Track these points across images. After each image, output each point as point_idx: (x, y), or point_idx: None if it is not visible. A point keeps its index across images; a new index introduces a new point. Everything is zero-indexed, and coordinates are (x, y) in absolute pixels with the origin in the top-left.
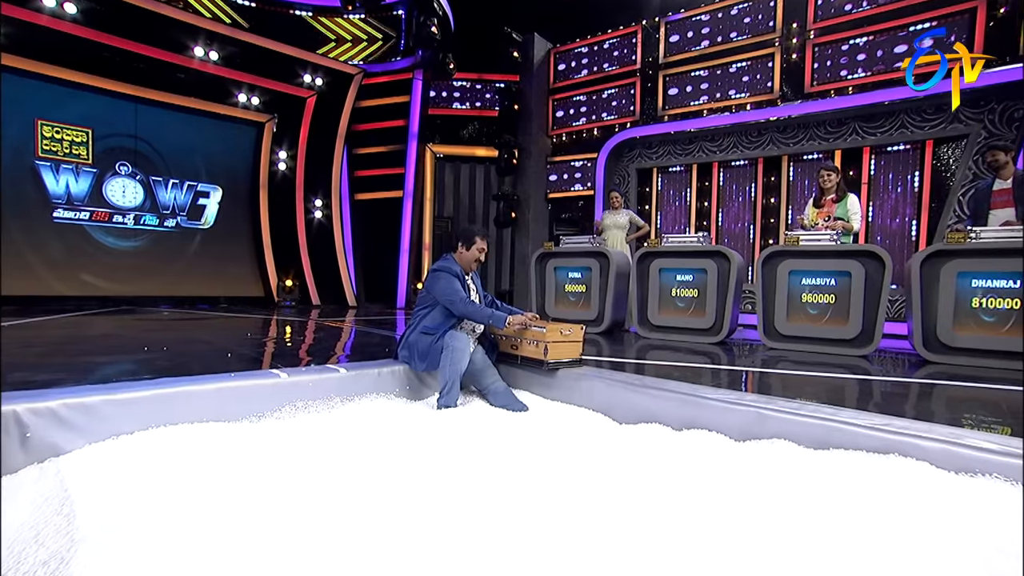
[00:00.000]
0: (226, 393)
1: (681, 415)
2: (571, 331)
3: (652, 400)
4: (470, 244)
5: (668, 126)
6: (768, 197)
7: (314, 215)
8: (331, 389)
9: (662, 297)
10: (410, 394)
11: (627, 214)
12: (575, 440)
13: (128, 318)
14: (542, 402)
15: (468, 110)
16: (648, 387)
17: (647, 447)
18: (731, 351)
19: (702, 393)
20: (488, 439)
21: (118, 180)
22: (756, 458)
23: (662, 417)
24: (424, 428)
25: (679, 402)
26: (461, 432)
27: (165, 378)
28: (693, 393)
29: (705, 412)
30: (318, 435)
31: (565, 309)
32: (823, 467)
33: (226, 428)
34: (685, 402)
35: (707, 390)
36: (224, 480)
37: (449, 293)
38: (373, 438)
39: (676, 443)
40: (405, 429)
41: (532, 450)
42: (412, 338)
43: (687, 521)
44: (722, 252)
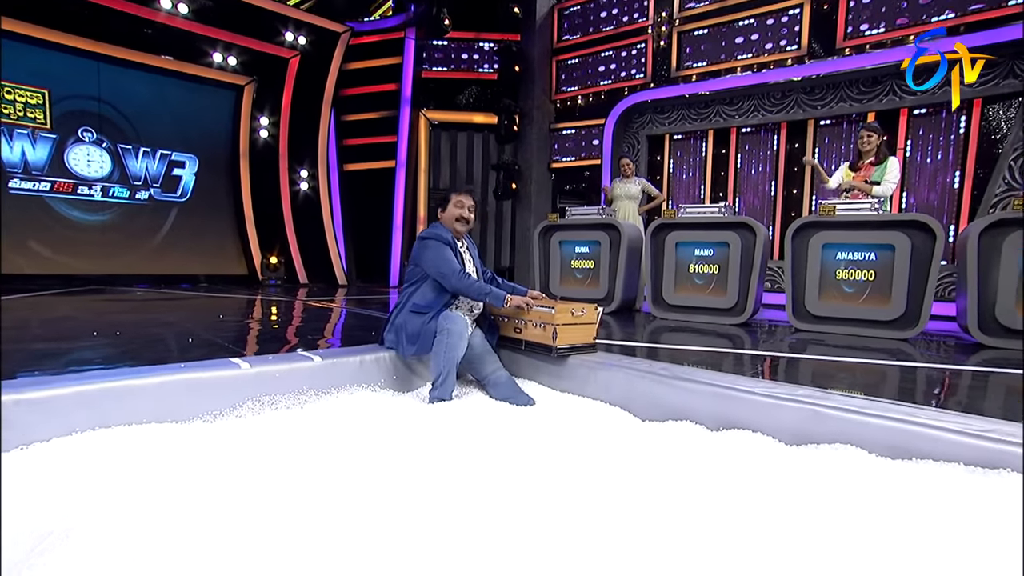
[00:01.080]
0: (173, 388)
1: (717, 412)
2: (584, 312)
3: (681, 393)
4: (445, 204)
5: (682, 88)
6: (792, 165)
7: (300, 187)
8: (303, 381)
9: (679, 274)
10: (398, 385)
11: (639, 182)
12: (590, 440)
13: (94, 299)
14: (550, 394)
15: (465, 73)
16: (677, 378)
17: (676, 450)
18: (757, 333)
19: (743, 386)
20: (488, 438)
21: (81, 147)
22: (814, 466)
23: (694, 414)
24: (414, 426)
25: (714, 396)
26: (457, 430)
27: (96, 370)
28: (732, 385)
29: (746, 409)
30: (285, 437)
31: (571, 287)
32: (904, 482)
33: (172, 431)
34: (721, 396)
35: (748, 382)
36: (165, 497)
37: (439, 264)
38: (352, 439)
39: (712, 445)
40: (391, 427)
41: (540, 452)
42: (400, 318)
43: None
44: (747, 224)
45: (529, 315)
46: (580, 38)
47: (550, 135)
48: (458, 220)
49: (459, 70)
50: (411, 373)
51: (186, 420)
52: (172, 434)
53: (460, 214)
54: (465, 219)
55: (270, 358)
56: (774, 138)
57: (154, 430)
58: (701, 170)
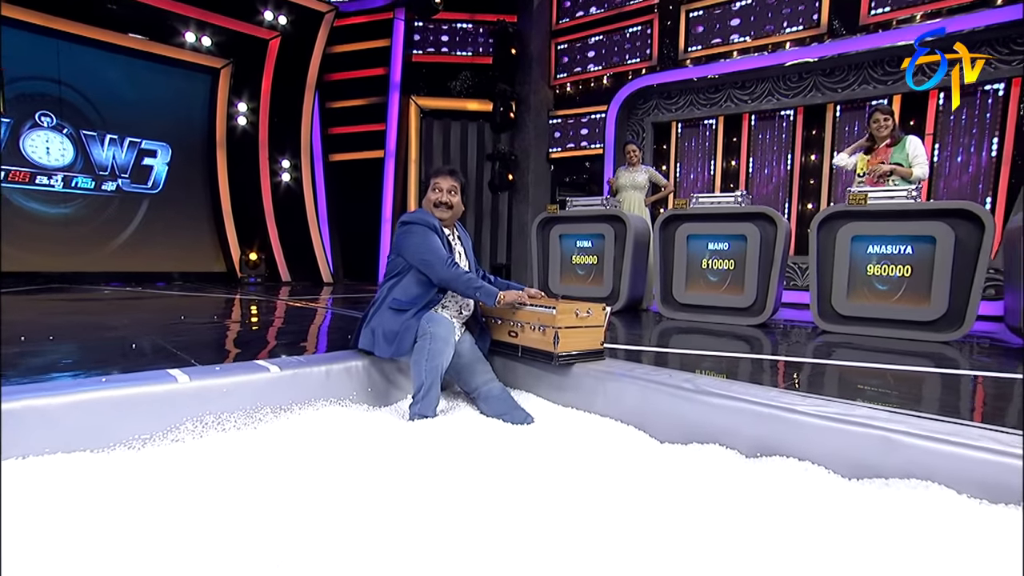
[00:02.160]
0: (91, 408)
1: (753, 434)
2: (590, 312)
3: (708, 411)
4: (427, 188)
5: (691, 71)
6: (809, 153)
7: (281, 178)
8: (257, 396)
9: (690, 270)
10: (373, 398)
11: (646, 171)
12: (598, 466)
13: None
14: (552, 410)
15: (458, 56)
16: (702, 392)
17: (702, 480)
18: (779, 336)
19: (784, 402)
20: (477, 464)
21: (39, 133)
22: (883, 507)
23: (724, 435)
24: (389, 449)
25: (749, 415)
26: (439, 454)
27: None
28: (771, 402)
29: (790, 431)
30: (233, 464)
31: (572, 285)
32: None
33: (84, 463)
34: (758, 415)
35: (791, 397)
36: (75, 546)
37: (423, 250)
38: (314, 464)
39: (747, 476)
40: (361, 451)
41: (539, 481)
42: (377, 317)
43: None
44: (766, 215)
45: (526, 316)
46: (581, 19)
47: (549, 123)
48: (437, 206)
49: (452, 54)
50: (389, 384)
51: (105, 448)
52: (84, 467)
53: (437, 198)
54: (445, 204)
55: (217, 369)
56: (790, 124)
57: (60, 463)
58: (710, 159)
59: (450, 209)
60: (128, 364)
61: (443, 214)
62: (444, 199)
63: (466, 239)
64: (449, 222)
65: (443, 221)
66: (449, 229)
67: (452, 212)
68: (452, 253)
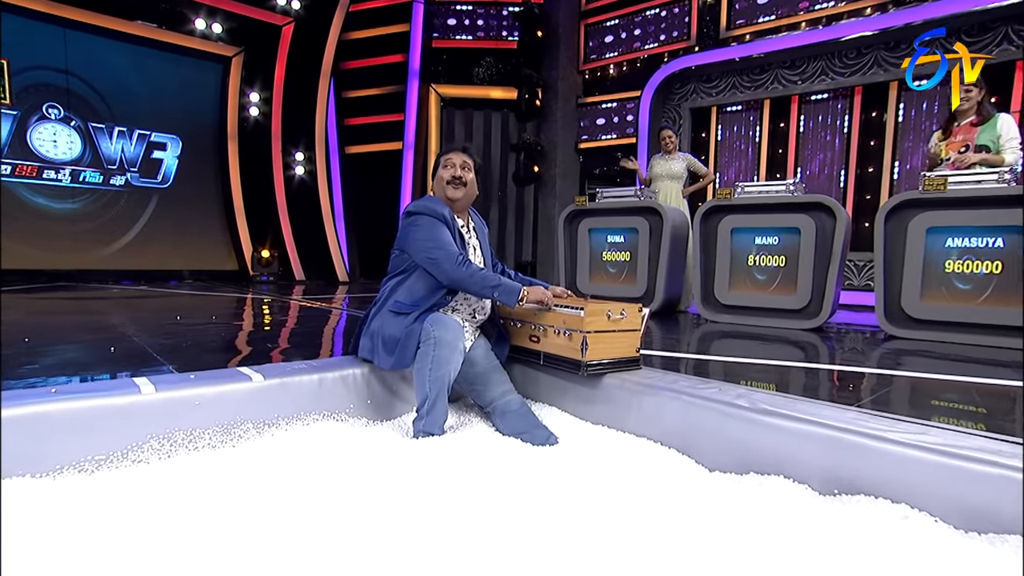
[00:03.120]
0: (37, 424)
1: (829, 465)
2: (624, 314)
3: (769, 434)
4: (435, 169)
5: (733, 51)
6: (868, 138)
7: (295, 171)
8: (237, 409)
9: (735, 267)
10: (372, 411)
11: (684, 159)
12: (634, 497)
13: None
14: (578, 427)
15: (480, 41)
16: (761, 411)
17: (764, 521)
18: (840, 342)
19: (871, 428)
20: (489, 492)
21: (47, 126)
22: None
23: (791, 465)
24: (387, 473)
25: (823, 442)
26: (445, 478)
27: None
28: (852, 426)
29: (880, 465)
30: (203, 490)
31: (603, 283)
32: None
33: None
34: (837, 444)
35: (879, 422)
36: None
37: (429, 245)
38: (300, 490)
39: (823, 518)
40: (356, 474)
41: (563, 513)
42: (377, 321)
43: None
44: (824, 204)
45: (550, 318)
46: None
47: (578, 110)
48: (449, 183)
49: (474, 38)
50: (391, 395)
51: (51, 472)
52: (22, 494)
53: (451, 174)
54: (458, 179)
55: (191, 377)
56: (846, 106)
57: None
58: (755, 147)
59: (464, 187)
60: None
61: (456, 193)
62: (457, 173)
63: (482, 229)
64: (462, 206)
65: (455, 204)
66: (462, 217)
67: (466, 192)
68: (465, 247)
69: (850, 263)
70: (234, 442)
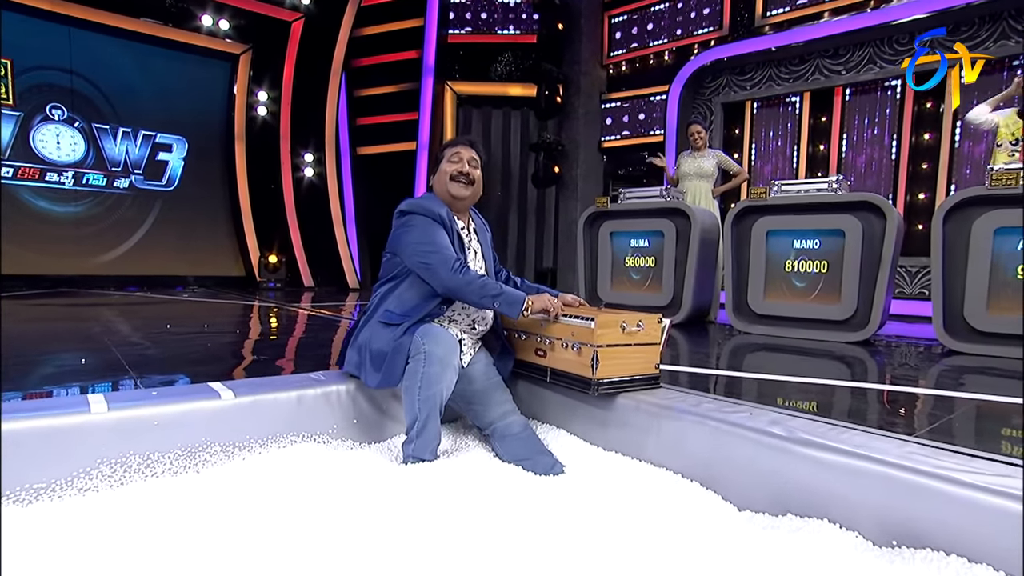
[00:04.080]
0: None
1: (886, 509)
2: (642, 325)
3: (810, 469)
4: (437, 164)
5: (769, 39)
6: (921, 132)
7: (304, 173)
8: (203, 430)
9: (770, 273)
10: (359, 432)
11: (714, 156)
12: (650, 538)
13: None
14: (588, 454)
15: (498, 35)
16: (800, 442)
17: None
18: (892, 357)
19: (939, 466)
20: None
21: (50, 127)
22: None
23: (837, 508)
24: (370, 504)
25: (878, 481)
26: (435, 513)
27: None
28: (912, 463)
29: (951, 513)
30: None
31: (626, 291)
32: None
33: None
34: (895, 484)
35: (947, 459)
36: None
37: (423, 249)
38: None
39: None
40: (336, 506)
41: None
42: (365, 332)
43: None
44: (872, 203)
45: (558, 329)
46: None
47: (601, 107)
48: (455, 178)
49: (491, 32)
50: (381, 414)
51: None
52: None
53: (457, 169)
54: (465, 175)
55: (153, 394)
56: (896, 96)
57: None
58: (794, 143)
59: (470, 185)
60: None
61: (461, 191)
62: (465, 169)
63: (484, 232)
64: (465, 205)
65: (458, 204)
66: (463, 218)
67: (472, 191)
68: (464, 251)
69: (901, 269)
70: (198, 467)
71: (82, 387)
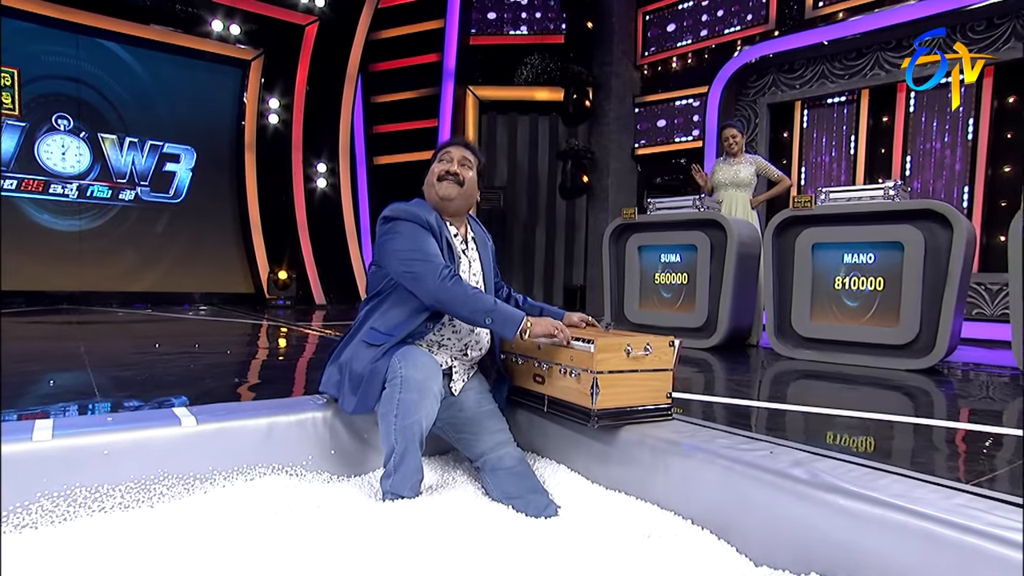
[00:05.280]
0: None
1: (926, 571)
2: (649, 349)
3: (837, 520)
4: (431, 163)
5: (822, 32)
6: (1003, 129)
7: (316, 184)
8: (158, 460)
9: (817, 291)
10: (337, 464)
11: (752, 163)
12: None
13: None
14: (588, 493)
15: (523, 36)
16: (825, 487)
17: None
18: (961, 388)
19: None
20: None
21: (55, 137)
22: None
23: (868, 568)
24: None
25: (921, 540)
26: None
27: None
28: (961, 519)
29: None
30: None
31: (655, 311)
32: None
33: None
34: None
35: (1000, 513)
36: None
37: (408, 258)
38: (230, 568)
39: None
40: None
41: None
42: (348, 351)
43: None
44: (936, 212)
45: (557, 353)
46: None
47: (634, 112)
48: (441, 179)
49: (516, 33)
50: (362, 444)
51: None
52: None
53: (444, 169)
54: (452, 175)
55: (108, 420)
56: (972, 91)
57: None
58: (850, 147)
59: (459, 186)
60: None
61: (449, 190)
62: (454, 168)
63: (484, 242)
64: (456, 208)
65: (448, 206)
66: (458, 224)
67: (461, 192)
68: (455, 260)
69: (979, 286)
70: (153, 501)
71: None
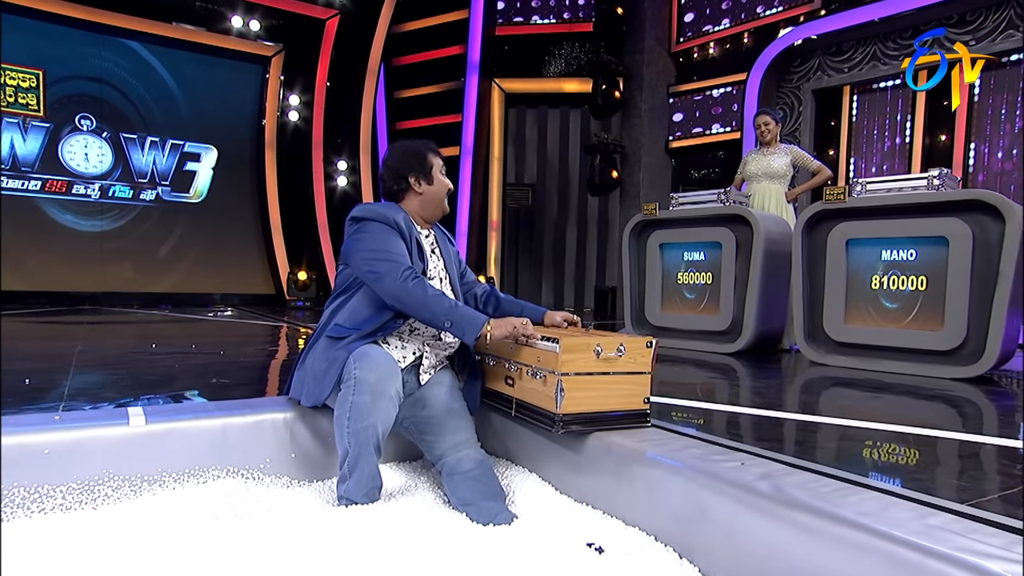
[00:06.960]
0: None
1: None
2: (624, 349)
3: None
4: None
5: (873, 9)
6: None
7: (337, 182)
8: (105, 461)
9: (852, 291)
10: (297, 468)
11: (787, 153)
12: None
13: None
14: (555, 505)
15: (551, 25)
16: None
17: None
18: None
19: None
20: None
21: (78, 138)
22: None
23: None
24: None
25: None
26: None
27: None
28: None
29: None
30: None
31: (678, 313)
32: None
33: None
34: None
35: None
36: None
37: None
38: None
39: None
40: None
41: None
42: (314, 350)
43: None
44: (986, 203)
45: (526, 354)
46: None
47: (668, 102)
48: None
49: (543, 22)
50: (326, 447)
51: None
52: None
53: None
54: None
55: (56, 418)
56: None
57: None
58: (905, 135)
59: None
60: None
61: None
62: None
63: (444, 241)
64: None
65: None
66: (424, 229)
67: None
68: (424, 260)
69: None
70: (96, 503)
71: None
